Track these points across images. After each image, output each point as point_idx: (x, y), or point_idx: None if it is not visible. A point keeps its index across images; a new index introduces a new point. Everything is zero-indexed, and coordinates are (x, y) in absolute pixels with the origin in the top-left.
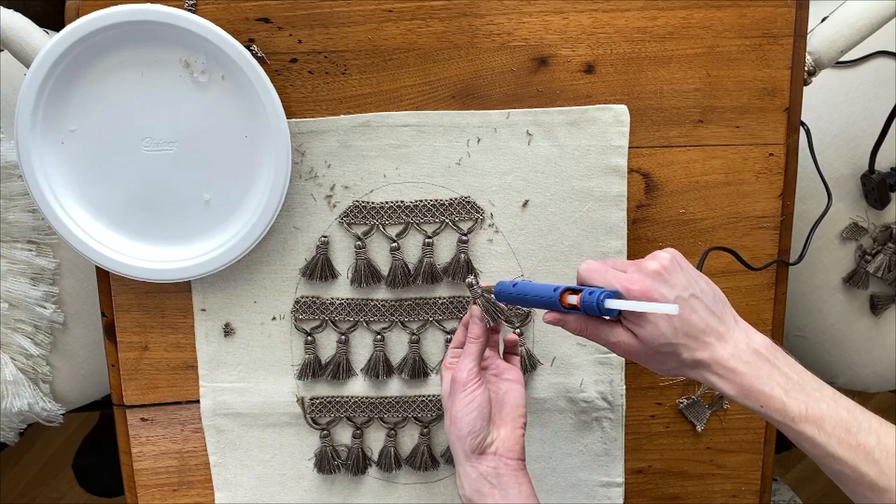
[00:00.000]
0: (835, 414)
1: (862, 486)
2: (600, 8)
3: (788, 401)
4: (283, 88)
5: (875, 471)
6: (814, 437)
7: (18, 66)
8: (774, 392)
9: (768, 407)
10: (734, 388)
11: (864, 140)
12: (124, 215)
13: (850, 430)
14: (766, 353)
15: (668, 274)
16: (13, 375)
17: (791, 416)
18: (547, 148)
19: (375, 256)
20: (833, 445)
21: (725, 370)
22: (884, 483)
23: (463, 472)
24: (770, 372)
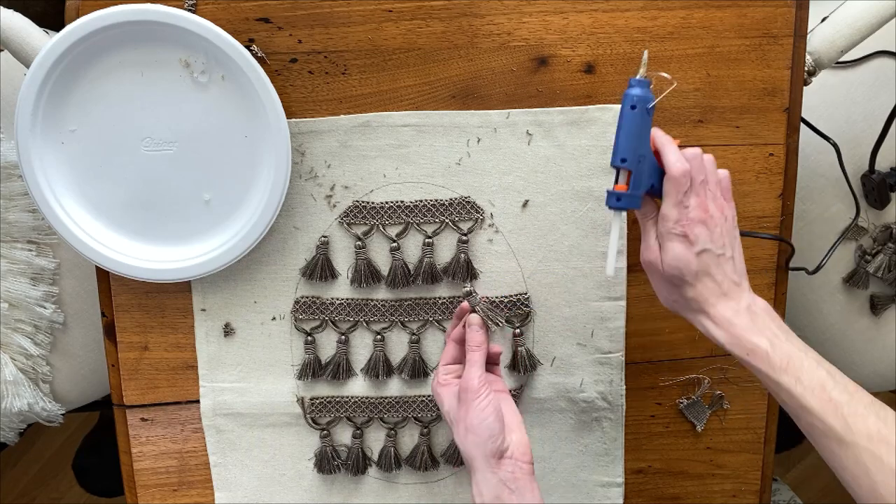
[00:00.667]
0: (814, 371)
1: (829, 440)
2: (600, 8)
3: (773, 352)
4: (283, 88)
5: (842, 425)
6: (790, 387)
7: (18, 66)
8: (761, 343)
9: (753, 356)
10: (725, 335)
11: (864, 140)
12: (124, 215)
13: (825, 387)
14: (763, 313)
15: (714, 226)
16: (13, 375)
17: (773, 365)
18: (547, 148)
19: (375, 256)
20: (807, 397)
21: (721, 319)
22: (849, 438)
23: (482, 479)
24: (761, 328)
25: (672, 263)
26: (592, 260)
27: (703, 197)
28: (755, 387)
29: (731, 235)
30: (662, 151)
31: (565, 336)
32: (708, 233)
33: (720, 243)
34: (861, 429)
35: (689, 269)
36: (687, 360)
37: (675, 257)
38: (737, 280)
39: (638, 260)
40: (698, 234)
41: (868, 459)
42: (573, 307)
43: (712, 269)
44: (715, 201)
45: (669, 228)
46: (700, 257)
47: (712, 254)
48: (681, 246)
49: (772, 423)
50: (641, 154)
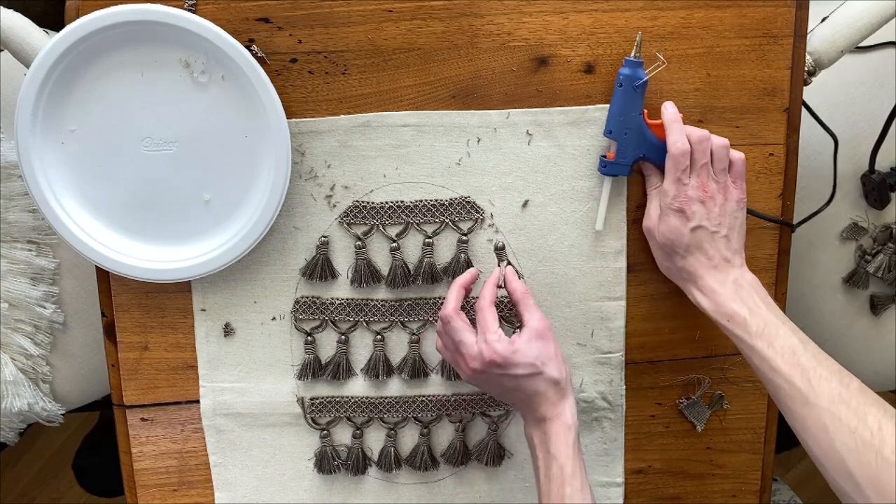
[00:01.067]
0: (788, 339)
1: (794, 401)
2: (600, 8)
3: (750, 319)
4: (283, 88)
5: (806, 387)
6: (762, 351)
7: (18, 66)
8: (740, 311)
9: (733, 322)
10: (709, 303)
11: (864, 140)
12: (124, 215)
13: (795, 353)
14: (748, 286)
15: (711, 204)
16: (13, 375)
17: (749, 331)
18: (547, 148)
19: (375, 256)
20: (777, 360)
21: (707, 289)
22: (812, 399)
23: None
24: (744, 298)
25: (666, 234)
26: (592, 260)
27: (704, 177)
28: (755, 387)
29: (731, 216)
30: (667, 129)
31: (565, 336)
32: (705, 211)
33: (716, 222)
34: (824, 391)
35: (681, 242)
36: (687, 360)
37: (669, 229)
38: (728, 256)
39: (638, 260)
40: (695, 210)
41: (828, 419)
42: (573, 307)
43: (705, 244)
44: (717, 182)
45: (668, 203)
46: (694, 233)
47: (706, 230)
48: (676, 220)
49: (772, 423)
50: (629, 127)
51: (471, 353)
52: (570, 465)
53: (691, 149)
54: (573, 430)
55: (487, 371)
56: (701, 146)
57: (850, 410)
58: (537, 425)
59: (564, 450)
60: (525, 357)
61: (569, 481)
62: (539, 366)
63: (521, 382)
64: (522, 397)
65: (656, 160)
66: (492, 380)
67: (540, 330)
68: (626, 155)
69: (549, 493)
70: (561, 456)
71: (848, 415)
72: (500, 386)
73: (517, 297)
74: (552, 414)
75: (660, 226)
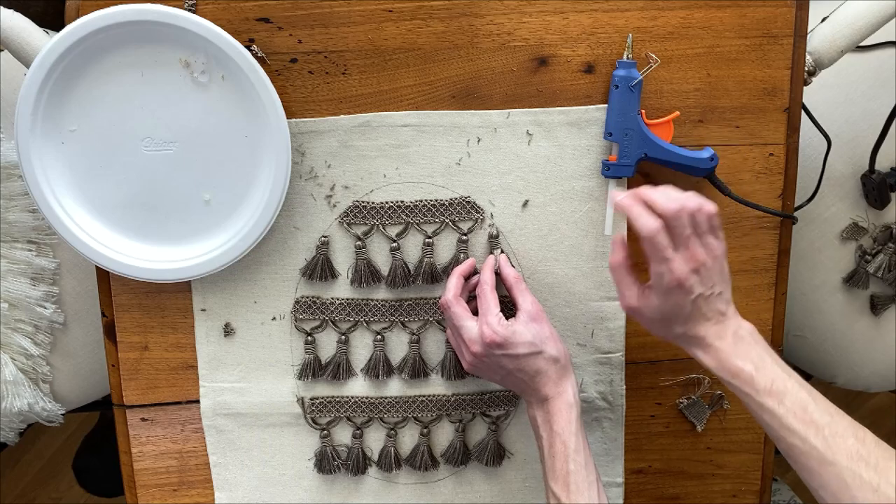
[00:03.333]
0: (796, 393)
1: (811, 459)
2: (600, 8)
3: (757, 375)
4: (283, 88)
5: (823, 445)
6: (773, 409)
7: (18, 66)
8: (746, 367)
9: (738, 379)
10: (712, 361)
11: (864, 140)
12: (124, 215)
13: (806, 409)
14: (749, 337)
15: (705, 272)
16: (13, 375)
17: (757, 388)
18: (547, 148)
19: (375, 256)
20: (789, 418)
21: (708, 346)
22: (829, 457)
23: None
24: (747, 352)
25: (665, 312)
26: (592, 260)
27: (692, 248)
28: None
29: (720, 273)
30: (629, 216)
31: (565, 336)
32: (699, 279)
33: (710, 284)
34: (841, 449)
35: (682, 313)
36: (687, 360)
37: (670, 307)
38: (723, 310)
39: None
40: (692, 283)
41: (849, 477)
42: (573, 307)
43: (703, 308)
44: (706, 246)
45: (664, 284)
46: (695, 302)
47: (703, 297)
48: (677, 296)
49: None
50: (629, 128)
51: (471, 336)
52: (574, 441)
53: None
54: (575, 407)
55: (489, 353)
56: (680, 220)
57: (871, 468)
58: (540, 405)
59: (567, 426)
60: (524, 337)
61: (572, 456)
62: (538, 344)
63: (522, 362)
64: (524, 378)
65: (660, 159)
66: (493, 362)
67: (534, 312)
68: (629, 156)
69: (553, 468)
70: (564, 432)
71: (869, 473)
72: (501, 368)
73: (510, 282)
74: (554, 392)
75: (654, 304)
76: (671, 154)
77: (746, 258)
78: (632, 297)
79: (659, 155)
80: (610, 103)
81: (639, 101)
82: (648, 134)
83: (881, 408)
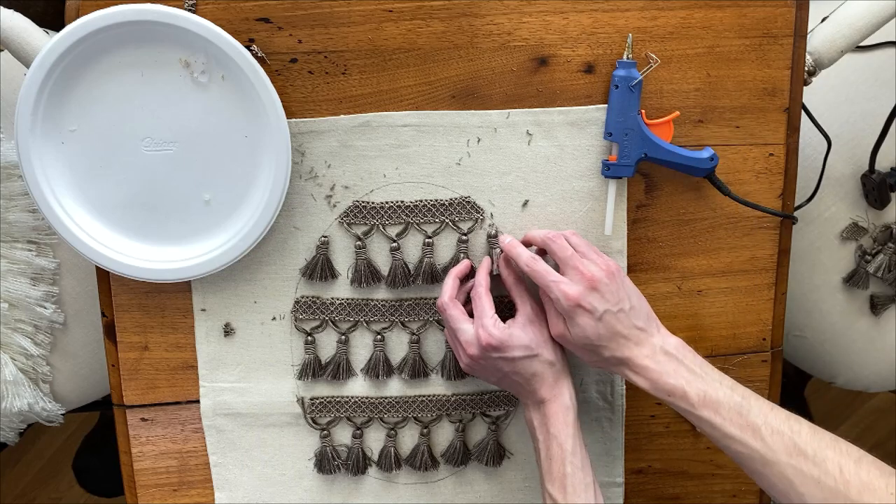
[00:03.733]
0: (730, 400)
1: (754, 462)
2: (600, 8)
3: (689, 390)
4: (283, 88)
5: (762, 446)
6: (711, 419)
7: (18, 66)
8: (678, 384)
9: (673, 396)
10: (646, 382)
11: (864, 140)
12: (124, 215)
13: (741, 413)
14: (675, 353)
15: (603, 287)
16: (13, 375)
17: (692, 402)
18: (547, 148)
19: (375, 256)
20: (727, 426)
21: (639, 367)
22: (770, 457)
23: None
24: (676, 368)
25: (580, 335)
26: None
27: (579, 266)
28: (755, 387)
29: (623, 287)
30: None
31: None
32: (600, 296)
33: (614, 300)
34: (780, 446)
35: (597, 335)
36: None
37: (580, 329)
38: (641, 326)
39: (638, 260)
40: (592, 301)
41: (791, 474)
42: None
43: (617, 326)
44: (595, 263)
45: (566, 308)
46: (602, 320)
47: (611, 312)
48: (582, 318)
49: None
50: (629, 128)
51: (468, 339)
52: (571, 443)
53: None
54: (572, 409)
55: (485, 356)
56: (556, 243)
57: (809, 460)
58: (537, 408)
59: (564, 429)
60: (520, 340)
61: (569, 459)
62: (534, 348)
63: (518, 365)
64: (520, 380)
65: (660, 159)
66: (490, 364)
67: (532, 315)
68: (629, 156)
69: (550, 470)
70: (561, 434)
71: (808, 466)
72: (498, 371)
73: (509, 283)
74: (551, 395)
75: (572, 330)
76: (671, 154)
77: (746, 258)
78: (557, 326)
79: (659, 155)
80: (610, 103)
81: (639, 101)
82: (648, 134)
83: (881, 408)
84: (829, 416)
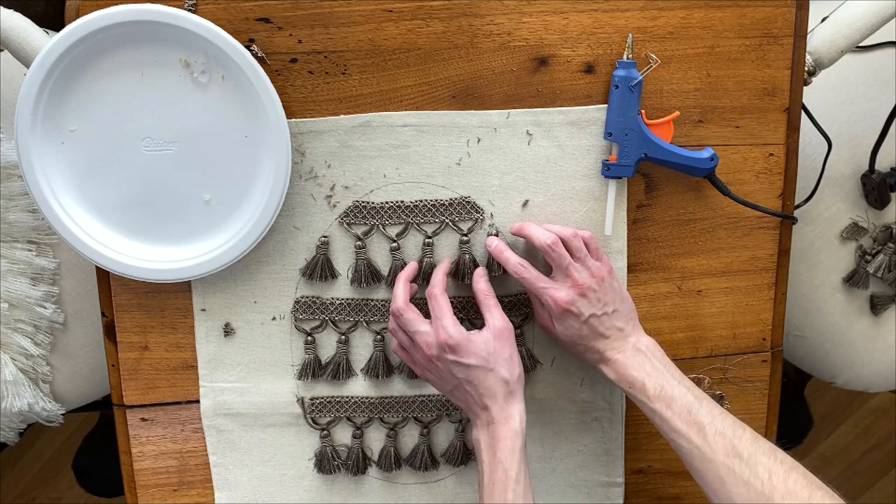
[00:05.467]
0: (683, 398)
1: (694, 458)
2: (600, 8)
3: (649, 383)
4: (283, 88)
5: (703, 443)
6: (662, 412)
7: (18, 66)
8: (639, 376)
9: (634, 388)
10: (613, 373)
11: (864, 140)
12: (124, 215)
13: (691, 411)
14: (646, 350)
15: (591, 294)
16: (13, 375)
17: (648, 395)
18: (547, 148)
19: (375, 256)
20: (676, 421)
21: (609, 360)
22: (709, 455)
23: (522, 408)
24: (642, 363)
25: (565, 333)
26: None
27: (573, 275)
28: (755, 387)
29: (611, 292)
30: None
31: None
32: (587, 302)
33: (600, 305)
34: (719, 446)
35: (580, 336)
36: (687, 360)
37: (566, 329)
38: (621, 326)
39: (638, 260)
40: (581, 306)
41: (724, 473)
42: None
43: (599, 327)
44: (586, 268)
45: (556, 312)
46: (587, 323)
47: (595, 316)
48: (570, 320)
49: (772, 423)
50: (629, 128)
51: (427, 340)
52: (515, 470)
53: (548, 256)
54: (521, 436)
55: (442, 357)
56: (555, 251)
57: (743, 462)
58: (486, 428)
59: (511, 455)
60: (479, 349)
61: (512, 486)
62: (491, 362)
63: (472, 374)
64: (473, 393)
65: (660, 159)
66: (445, 368)
67: (499, 330)
68: (629, 156)
69: (491, 495)
70: (507, 461)
71: (741, 467)
72: (453, 378)
73: (479, 297)
74: (501, 417)
75: (557, 328)
76: (671, 154)
77: (746, 258)
78: (543, 318)
79: (659, 155)
80: (610, 103)
81: (639, 101)
82: (648, 134)
83: (881, 408)
84: (829, 416)
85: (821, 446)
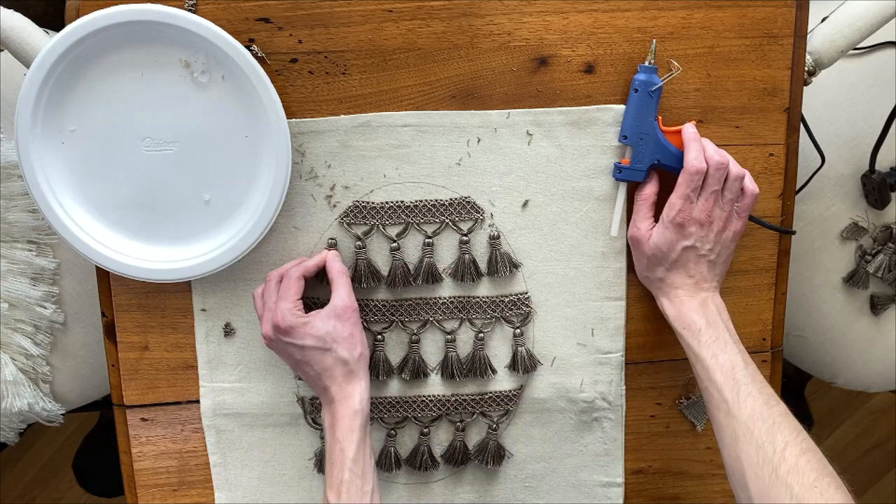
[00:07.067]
0: (732, 356)
1: (720, 411)
2: (600, 8)
3: (705, 330)
4: (283, 88)
5: (733, 399)
6: (706, 360)
7: (18, 66)
8: (698, 321)
9: (689, 329)
10: (673, 310)
11: (864, 140)
12: (124, 215)
13: (734, 368)
14: (714, 305)
15: (710, 233)
16: (13, 375)
17: (700, 340)
18: (547, 148)
19: (375, 256)
20: (716, 371)
21: (676, 298)
22: (735, 411)
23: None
24: (706, 312)
25: (659, 245)
26: (592, 260)
27: (710, 202)
28: None
29: (724, 245)
30: (686, 147)
31: (565, 336)
32: (702, 233)
33: (708, 246)
34: (747, 406)
35: (669, 256)
36: (687, 360)
37: (663, 241)
38: (708, 279)
39: None
40: (692, 231)
41: (741, 431)
42: (573, 307)
43: (690, 263)
44: (722, 210)
45: (672, 216)
46: (685, 251)
47: (696, 251)
48: (673, 234)
49: None
50: (644, 133)
51: (265, 315)
52: (353, 450)
53: (707, 171)
54: (360, 415)
55: (276, 337)
56: (718, 173)
57: (765, 428)
58: (328, 408)
59: (349, 434)
60: (315, 330)
61: (349, 465)
62: (329, 342)
63: (310, 355)
64: (312, 373)
65: (672, 166)
66: (282, 348)
67: (339, 309)
68: (642, 160)
69: (330, 474)
70: (344, 440)
71: (760, 431)
72: (291, 357)
73: (332, 275)
74: (340, 396)
75: (653, 237)
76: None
77: (746, 258)
78: (641, 228)
79: (671, 162)
80: (628, 107)
81: (657, 106)
82: (663, 140)
83: (881, 408)
84: (829, 416)
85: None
